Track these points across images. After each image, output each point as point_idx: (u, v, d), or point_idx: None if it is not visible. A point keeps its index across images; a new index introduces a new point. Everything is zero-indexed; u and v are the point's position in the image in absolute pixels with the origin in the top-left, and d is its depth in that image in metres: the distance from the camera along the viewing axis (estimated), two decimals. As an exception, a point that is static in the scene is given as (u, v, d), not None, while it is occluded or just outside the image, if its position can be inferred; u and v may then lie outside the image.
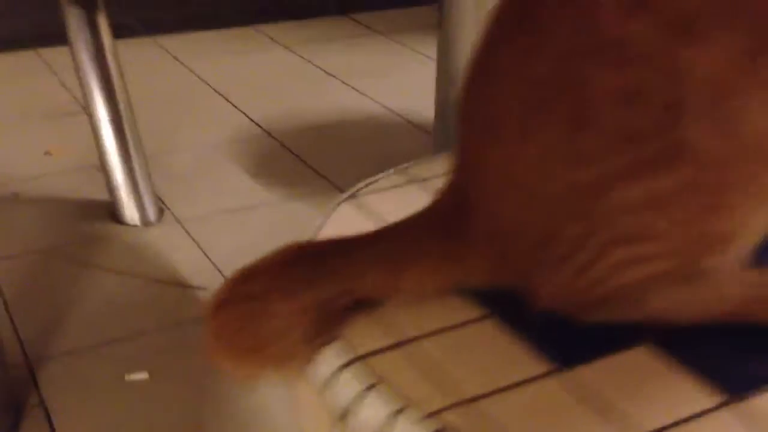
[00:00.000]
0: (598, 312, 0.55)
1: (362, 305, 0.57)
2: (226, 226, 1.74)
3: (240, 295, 0.55)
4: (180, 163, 1.99)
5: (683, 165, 0.48)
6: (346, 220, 0.69)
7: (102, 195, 1.79)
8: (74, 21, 1.69)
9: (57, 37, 1.86)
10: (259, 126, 2.17)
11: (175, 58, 2.62)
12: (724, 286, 0.55)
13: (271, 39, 2.80)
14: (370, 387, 0.51)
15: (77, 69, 1.71)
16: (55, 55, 2.55)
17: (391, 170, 0.76)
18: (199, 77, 2.47)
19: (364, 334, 0.55)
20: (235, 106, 2.28)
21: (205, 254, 1.64)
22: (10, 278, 1.56)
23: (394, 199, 0.72)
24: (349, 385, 0.52)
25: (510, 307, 0.57)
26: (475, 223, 0.56)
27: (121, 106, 1.73)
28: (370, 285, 0.57)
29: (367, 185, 0.75)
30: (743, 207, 0.51)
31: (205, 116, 2.23)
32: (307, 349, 0.55)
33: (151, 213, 1.76)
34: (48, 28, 2.19)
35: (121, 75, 1.72)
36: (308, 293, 0.55)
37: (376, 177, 0.76)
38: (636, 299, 0.54)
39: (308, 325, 0.55)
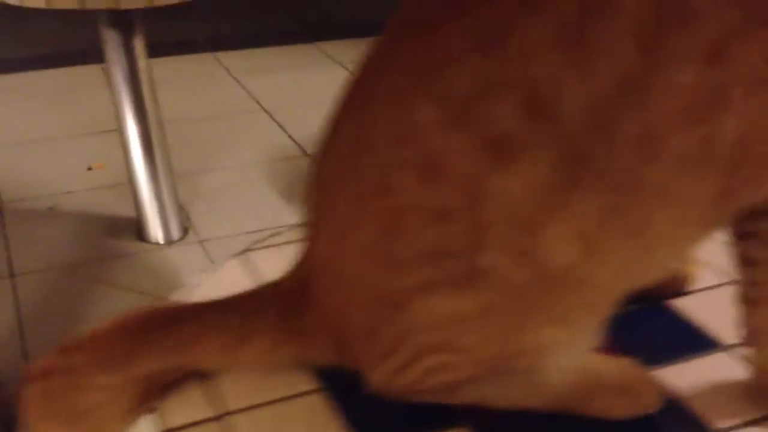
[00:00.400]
0: (422, 397, 0.53)
1: (196, 374, 0.57)
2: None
3: (62, 366, 0.55)
4: (213, 182, 2.02)
5: (484, 288, 0.48)
6: (228, 278, 0.68)
7: (131, 212, 1.82)
8: (110, 42, 1.74)
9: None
10: (300, 146, 2.19)
11: (230, 73, 2.66)
12: (542, 380, 0.53)
13: (329, 57, 2.81)
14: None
15: (111, 88, 1.76)
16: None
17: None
18: (249, 93, 2.51)
19: (185, 405, 0.55)
20: (279, 125, 2.30)
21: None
22: (29, 294, 1.61)
23: (287, 257, 0.71)
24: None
25: (342, 384, 0.56)
26: (314, 305, 0.55)
27: (152, 125, 1.76)
28: (207, 358, 0.56)
29: (267, 238, 0.74)
30: (544, 328, 0.50)
31: (246, 134, 2.26)
32: (121, 423, 0.54)
33: (175, 232, 1.79)
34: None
35: (154, 95, 1.76)
36: (133, 367, 0.55)
37: (279, 230, 0.75)
38: (453, 391, 0.53)
39: (128, 398, 0.54)
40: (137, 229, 1.80)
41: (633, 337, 0.60)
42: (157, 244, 1.77)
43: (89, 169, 2.07)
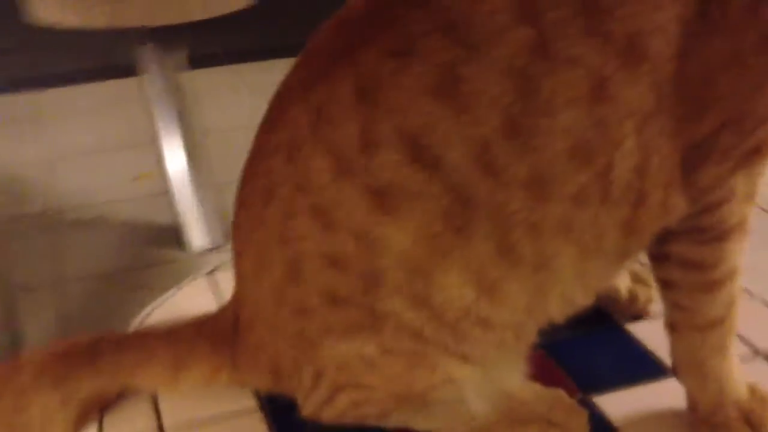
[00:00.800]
0: (354, 423, 0.56)
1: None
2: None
3: (4, 385, 0.58)
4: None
5: (382, 331, 0.50)
6: (189, 298, 0.71)
7: (173, 220, 1.87)
8: (146, 55, 1.79)
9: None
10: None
11: (274, 83, 2.70)
12: (464, 409, 0.54)
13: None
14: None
15: (148, 100, 1.80)
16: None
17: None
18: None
19: (122, 421, 0.58)
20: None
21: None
22: (69, 302, 1.66)
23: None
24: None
25: (281, 403, 0.59)
26: (246, 338, 0.58)
27: (192, 136, 1.81)
28: (147, 382, 0.60)
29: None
30: (452, 365, 0.52)
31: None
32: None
33: (218, 239, 1.82)
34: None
35: (186, 107, 1.80)
36: (74, 386, 0.58)
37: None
38: (382, 418, 0.56)
39: (68, 416, 0.58)
40: (177, 237, 1.85)
41: (582, 362, 0.60)
42: (197, 252, 1.82)
43: (135, 179, 2.13)
